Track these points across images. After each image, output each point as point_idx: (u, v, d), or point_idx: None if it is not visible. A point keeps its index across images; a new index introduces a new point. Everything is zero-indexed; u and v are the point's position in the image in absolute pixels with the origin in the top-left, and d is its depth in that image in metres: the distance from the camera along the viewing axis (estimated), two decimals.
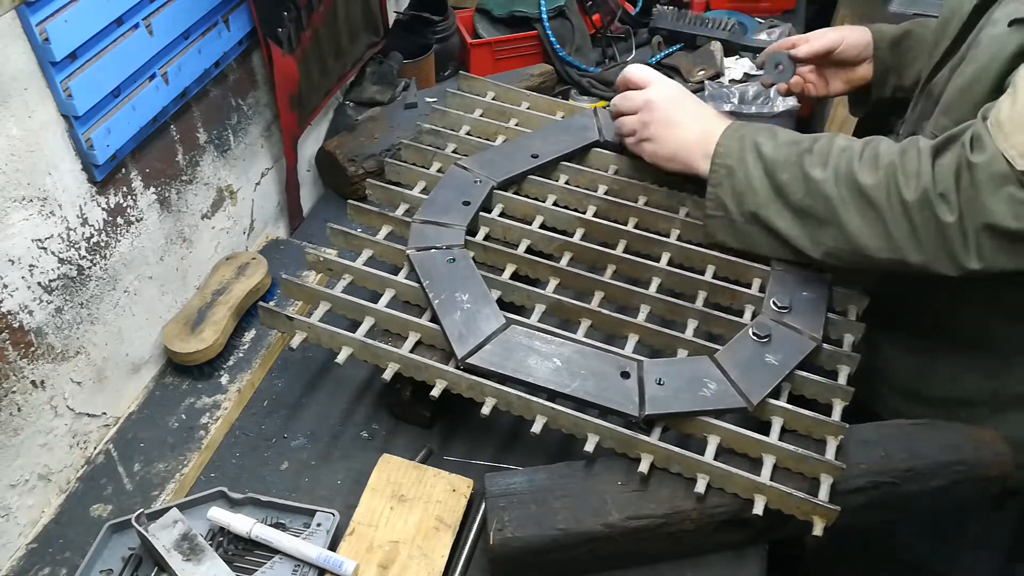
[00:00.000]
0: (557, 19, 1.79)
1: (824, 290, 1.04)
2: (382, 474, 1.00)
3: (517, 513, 0.90)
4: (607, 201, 1.18)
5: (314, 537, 0.93)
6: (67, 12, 0.88)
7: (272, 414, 1.13)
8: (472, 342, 0.96)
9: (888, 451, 0.93)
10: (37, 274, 0.93)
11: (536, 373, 0.94)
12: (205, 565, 0.89)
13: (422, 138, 1.30)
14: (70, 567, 0.95)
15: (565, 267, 1.09)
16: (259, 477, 1.05)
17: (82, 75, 0.92)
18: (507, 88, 1.38)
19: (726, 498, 0.89)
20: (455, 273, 1.03)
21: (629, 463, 0.92)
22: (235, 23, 1.18)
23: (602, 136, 1.25)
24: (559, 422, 0.93)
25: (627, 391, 0.92)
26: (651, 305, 1.05)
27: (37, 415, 0.97)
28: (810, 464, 0.88)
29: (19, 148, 0.87)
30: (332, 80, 1.49)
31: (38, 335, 0.95)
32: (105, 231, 1.02)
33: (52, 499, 1.02)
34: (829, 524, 0.86)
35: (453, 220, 1.11)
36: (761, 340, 0.97)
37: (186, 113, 1.15)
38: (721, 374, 0.94)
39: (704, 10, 2.03)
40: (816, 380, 0.96)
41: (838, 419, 0.92)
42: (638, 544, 0.91)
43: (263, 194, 1.38)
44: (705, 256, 1.11)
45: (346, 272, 1.08)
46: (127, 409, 1.12)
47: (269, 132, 1.36)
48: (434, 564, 0.92)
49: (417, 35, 1.73)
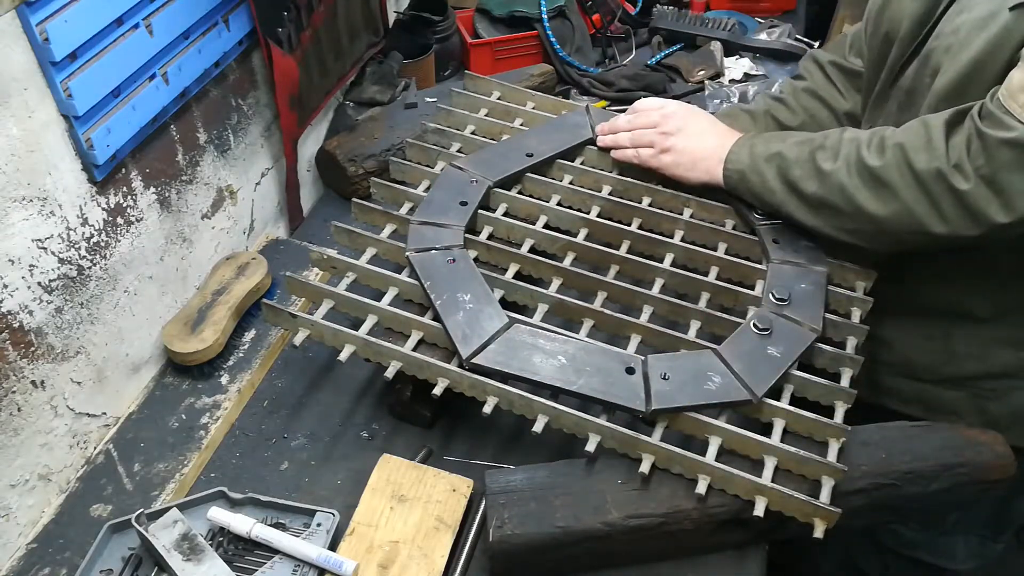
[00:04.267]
0: (557, 19, 1.79)
1: (822, 282, 1.05)
2: (382, 474, 1.00)
3: (517, 510, 0.90)
4: (611, 201, 1.18)
5: (314, 537, 0.93)
6: (67, 12, 0.88)
7: (272, 414, 1.13)
8: (476, 342, 0.96)
9: (889, 453, 0.93)
10: (37, 274, 0.93)
11: (541, 371, 0.94)
12: (205, 565, 0.89)
13: (427, 137, 1.30)
14: (70, 567, 0.95)
15: (568, 267, 1.09)
16: (259, 477, 1.05)
17: (82, 75, 0.92)
18: (513, 88, 1.38)
19: (726, 498, 0.89)
20: (456, 273, 1.03)
21: (630, 462, 0.92)
22: (235, 23, 1.18)
23: (595, 134, 1.25)
24: (561, 421, 0.93)
25: (633, 386, 0.92)
26: (654, 306, 1.05)
27: (37, 415, 0.97)
28: (812, 466, 0.88)
29: (19, 148, 0.87)
30: (332, 80, 1.48)
31: (38, 335, 0.95)
32: (105, 231, 1.02)
33: (52, 499, 1.02)
34: (830, 526, 0.86)
35: (451, 220, 1.11)
36: (762, 333, 0.97)
37: (186, 113, 1.14)
38: (725, 367, 0.94)
39: (704, 10, 2.04)
40: (818, 382, 0.96)
41: (840, 421, 0.92)
42: (637, 543, 0.91)
43: (263, 194, 1.38)
44: (708, 257, 1.11)
45: (350, 270, 1.08)
46: (127, 409, 1.12)
47: (269, 132, 1.36)
48: (434, 564, 0.92)
49: (417, 35, 1.73)
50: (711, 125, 1.14)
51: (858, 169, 0.93)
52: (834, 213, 0.97)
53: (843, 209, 0.96)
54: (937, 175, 0.87)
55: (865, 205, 0.93)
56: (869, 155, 0.93)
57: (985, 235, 0.87)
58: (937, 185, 0.87)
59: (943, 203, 0.87)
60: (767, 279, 1.06)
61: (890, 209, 0.91)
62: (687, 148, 1.12)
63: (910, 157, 0.89)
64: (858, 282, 1.10)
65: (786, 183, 1.01)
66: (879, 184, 0.92)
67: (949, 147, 0.87)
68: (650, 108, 1.18)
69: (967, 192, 0.85)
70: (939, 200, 0.88)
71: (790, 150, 1.01)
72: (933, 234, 0.90)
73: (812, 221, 1.01)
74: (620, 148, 1.20)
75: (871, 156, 0.92)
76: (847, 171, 0.94)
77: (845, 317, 1.05)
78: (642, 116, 1.18)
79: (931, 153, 0.88)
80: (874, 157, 0.92)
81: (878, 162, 0.91)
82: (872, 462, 0.92)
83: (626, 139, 1.19)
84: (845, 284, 1.10)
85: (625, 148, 1.19)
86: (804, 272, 1.06)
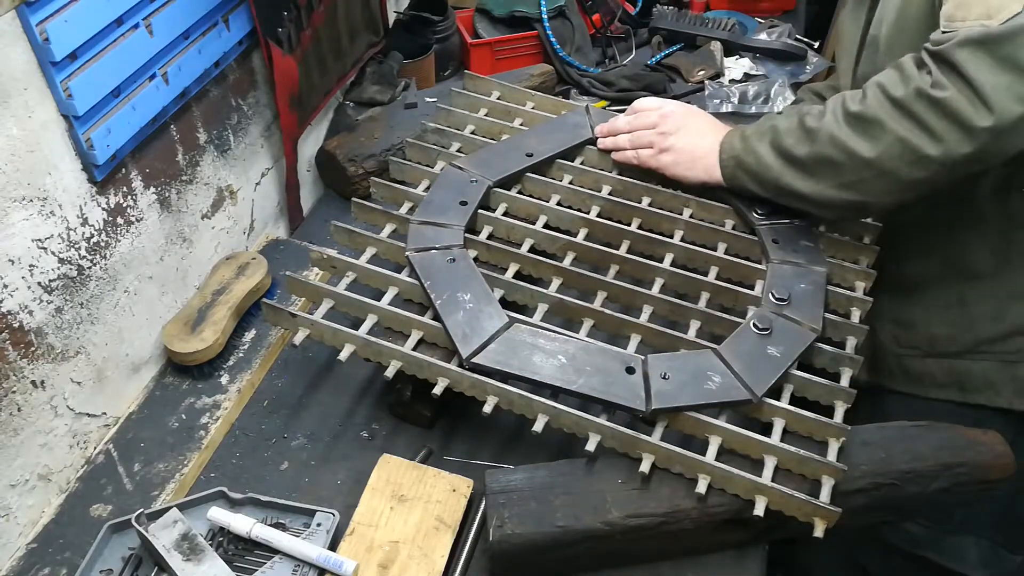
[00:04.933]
0: (557, 19, 1.79)
1: (822, 282, 1.05)
2: (382, 474, 1.00)
3: (517, 510, 0.90)
4: (611, 201, 1.18)
5: (314, 537, 0.93)
6: (67, 12, 0.88)
7: (272, 414, 1.13)
8: (476, 342, 0.96)
9: (889, 453, 0.93)
10: (37, 274, 0.93)
11: (541, 371, 0.94)
12: (205, 565, 0.89)
13: (427, 137, 1.30)
14: (70, 567, 0.95)
15: (568, 267, 1.09)
16: (259, 477, 1.05)
17: (82, 75, 0.92)
18: (512, 88, 1.38)
19: (726, 498, 0.89)
20: (456, 273, 1.03)
21: (630, 461, 0.92)
22: (235, 23, 1.18)
23: (595, 134, 1.25)
24: (561, 421, 0.93)
25: (633, 386, 0.92)
26: (654, 305, 1.05)
27: (37, 415, 0.97)
28: (812, 466, 0.88)
29: (19, 148, 0.87)
30: (332, 80, 1.48)
31: (38, 335, 0.95)
32: (105, 231, 1.02)
33: (52, 499, 1.02)
34: (830, 526, 0.86)
35: (451, 220, 1.11)
36: (762, 332, 0.97)
37: (186, 113, 1.15)
38: (725, 367, 0.94)
39: (704, 10, 2.03)
40: (818, 382, 0.96)
41: (840, 421, 0.92)
42: (638, 543, 0.91)
43: (263, 194, 1.38)
44: (708, 257, 1.11)
45: (350, 269, 1.08)
46: (127, 409, 1.12)
47: (269, 132, 1.36)
48: (434, 564, 0.92)
49: (417, 35, 1.73)
50: (710, 124, 1.15)
51: (845, 117, 0.96)
52: (831, 169, 0.98)
53: (838, 160, 0.97)
54: (917, 94, 0.89)
55: (857, 149, 0.94)
56: (852, 103, 0.96)
57: (977, 152, 0.88)
58: (919, 103, 0.89)
59: (930, 120, 0.89)
60: (767, 279, 1.06)
61: (883, 145, 0.93)
62: (686, 147, 1.13)
63: (889, 91, 0.92)
64: (858, 282, 1.10)
65: (780, 153, 1.02)
66: (866, 123, 0.94)
67: (921, 73, 0.90)
68: (649, 108, 1.19)
69: (948, 99, 0.87)
70: (925, 118, 0.89)
71: (780, 122, 1.03)
72: (929, 157, 0.90)
73: (813, 186, 1.01)
74: (620, 149, 1.20)
75: (854, 103, 0.96)
76: (835, 121, 0.97)
77: (845, 317, 1.05)
78: (641, 117, 1.19)
79: (907, 81, 0.91)
80: (856, 103, 0.95)
81: (861, 106, 0.94)
82: (872, 462, 0.92)
83: (625, 140, 1.19)
84: (845, 284, 1.10)
85: (625, 149, 1.19)
86: (804, 272, 1.06)
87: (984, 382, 1.12)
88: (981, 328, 1.10)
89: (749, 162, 1.06)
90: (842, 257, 1.13)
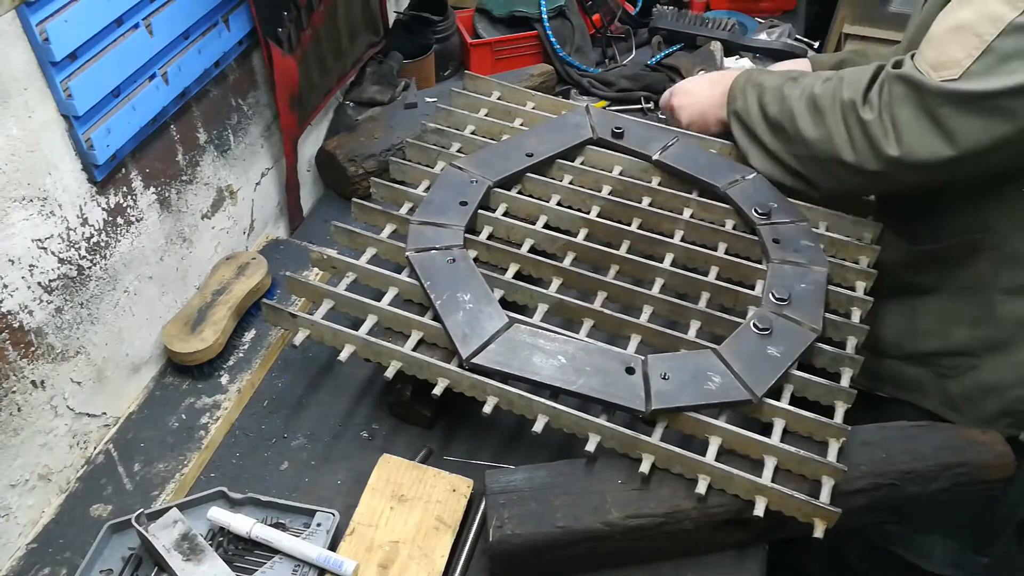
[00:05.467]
0: (557, 19, 1.79)
1: (822, 282, 1.05)
2: (382, 474, 1.00)
3: (517, 510, 0.90)
4: (611, 201, 1.18)
5: (314, 537, 0.93)
6: (67, 12, 0.88)
7: (272, 414, 1.13)
8: (476, 342, 0.96)
9: (889, 453, 0.93)
10: (37, 274, 0.93)
11: (541, 371, 0.94)
12: (205, 565, 0.89)
13: (427, 137, 1.30)
14: (70, 567, 0.95)
15: (568, 267, 1.09)
16: (259, 477, 1.05)
17: (82, 75, 0.92)
18: (512, 88, 1.38)
19: (726, 498, 0.89)
20: (456, 273, 1.03)
21: (630, 462, 0.92)
22: (235, 23, 1.18)
23: (595, 134, 1.25)
24: (561, 421, 0.93)
25: (633, 386, 0.92)
26: (654, 305, 1.05)
27: (37, 415, 0.97)
28: (812, 466, 0.88)
29: (19, 148, 0.87)
30: (332, 80, 1.48)
31: (38, 335, 0.95)
32: (105, 231, 1.02)
33: (52, 499, 1.02)
34: (830, 526, 0.86)
35: (451, 220, 1.11)
36: (762, 332, 0.97)
37: (186, 113, 1.14)
38: (724, 367, 0.94)
39: (704, 10, 2.03)
40: (818, 382, 0.96)
41: (840, 421, 0.92)
42: (638, 543, 0.91)
43: (263, 194, 1.38)
44: (708, 257, 1.11)
45: (350, 270, 1.08)
46: (127, 409, 1.12)
47: (269, 132, 1.36)
48: (434, 564, 0.92)
49: (417, 35, 1.73)
50: (714, 78, 1.26)
51: (806, 96, 1.05)
52: (785, 137, 1.09)
53: (789, 132, 1.07)
54: (851, 106, 0.99)
55: (803, 128, 1.04)
56: (817, 84, 1.04)
57: (883, 173, 0.98)
58: (851, 115, 0.99)
59: (854, 132, 0.99)
60: (767, 279, 1.06)
61: (819, 133, 1.02)
62: (692, 105, 1.27)
63: (841, 88, 1.01)
64: (858, 282, 1.10)
65: (759, 105, 1.12)
66: (815, 109, 1.03)
67: (871, 86, 0.98)
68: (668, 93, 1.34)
69: (869, 122, 0.97)
70: (852, 129, 0.99)
71: (771, 80, 1.13)
72: (844, 162, 1.00)
73: (773, 144, 1.11)
74: None
75: (818, 85, 1.04)
76: (799, 97, 1.06)
77: (845, 317, 1.05)
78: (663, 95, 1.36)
79: (854, 88, 0.99)
80: (819, 86, 1.04)
81: (820, 90, 1.03)
82: (872, 462, 0.92)
83: None
84: (845, 284, 1.10)
85: None
86: (804, 272, 1.06)
87: (916, 385, 1.16)
88: (925, 341, 1.13)
89: (739, 102, 1.16)
90: (843, 257, 1.13)
